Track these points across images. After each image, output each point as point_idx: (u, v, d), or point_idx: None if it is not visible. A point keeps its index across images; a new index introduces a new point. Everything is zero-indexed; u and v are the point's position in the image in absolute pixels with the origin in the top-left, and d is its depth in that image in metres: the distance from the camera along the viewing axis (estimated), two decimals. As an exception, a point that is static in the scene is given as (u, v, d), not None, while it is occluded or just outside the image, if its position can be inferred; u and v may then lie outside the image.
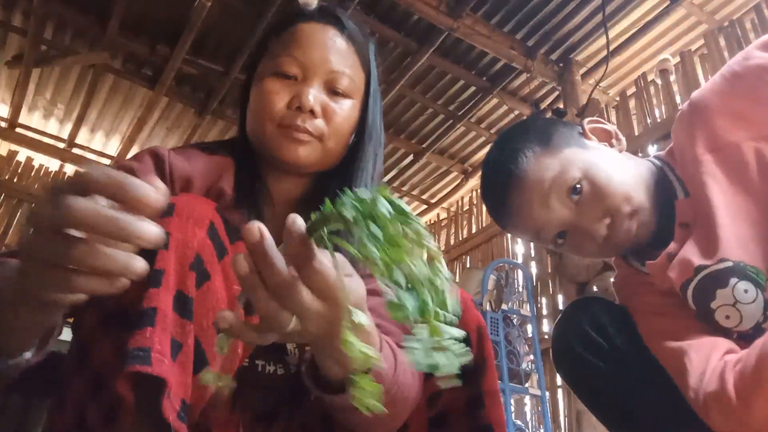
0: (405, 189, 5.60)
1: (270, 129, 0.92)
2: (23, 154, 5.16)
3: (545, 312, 4.06)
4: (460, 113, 4.64)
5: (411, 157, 5.12)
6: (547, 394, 3.47)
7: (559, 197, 1.01)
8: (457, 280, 4.58)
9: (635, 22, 3.81)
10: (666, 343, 0.94)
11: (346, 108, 0.95)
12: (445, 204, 5.72)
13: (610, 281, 3.37)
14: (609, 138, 1.10)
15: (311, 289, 0.54)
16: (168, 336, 0.64)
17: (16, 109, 4.75)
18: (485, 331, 0.95)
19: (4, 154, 5.10)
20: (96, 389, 0.67)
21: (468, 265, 5.08)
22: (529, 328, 3.61)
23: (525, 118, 3.77)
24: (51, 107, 4.86)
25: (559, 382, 3.73)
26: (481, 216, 5.28)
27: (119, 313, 0.64)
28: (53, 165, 5.30)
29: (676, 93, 3.69)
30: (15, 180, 5.03)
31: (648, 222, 1.00)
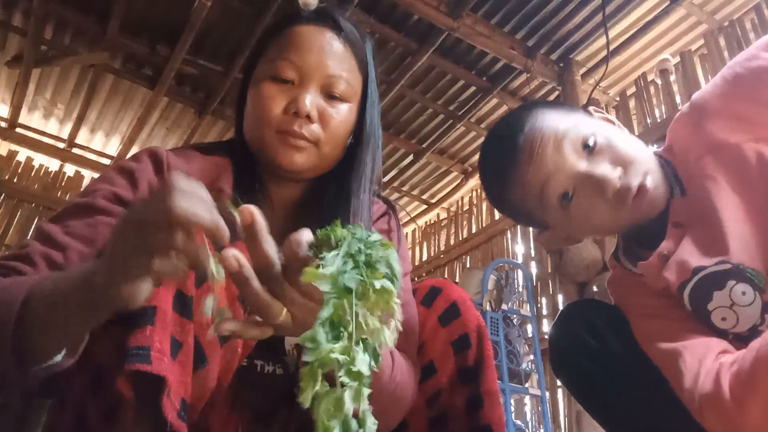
0: (405, 189, 5.59)
1: (267, 135, 0.92)
2: (23, 154, 5.15)
3: (545, 312, 4.06)
4: (460, 113, 4.63)
5: (411, 157, 5.12)
6: (547, 394, 3.46)
7: (574, 146, 0.97)
8: (457, 280, 4.58)
9: (635, 22, 3.80)
10: (660, 345, 0.93)
11: (342, 112, 0.95)
12: (445, 204, 5.71)
13: (610, 281, 3.37)
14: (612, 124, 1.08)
15: (302, 293, 0.57)
16: (168, 335, 0.64)
17: (16, 109, 4.75)
18: (485, 331, 0.95)
19: (4, 154, 5.09)
20: (96, 388, 0.67)
21: (468, 265, 5.08)
22: (529, 328, 3.60)
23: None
24: (51, 107, 4.85)
25: (559, 382, 3.73)
26: (481, 216, 5.28)
27: (119, 312, 0.64)
28: (53, 165, 5.29)
29: (676, 93, 3.69)
30: (15, 180, 5.03)
31: (660, 188, 0.96)
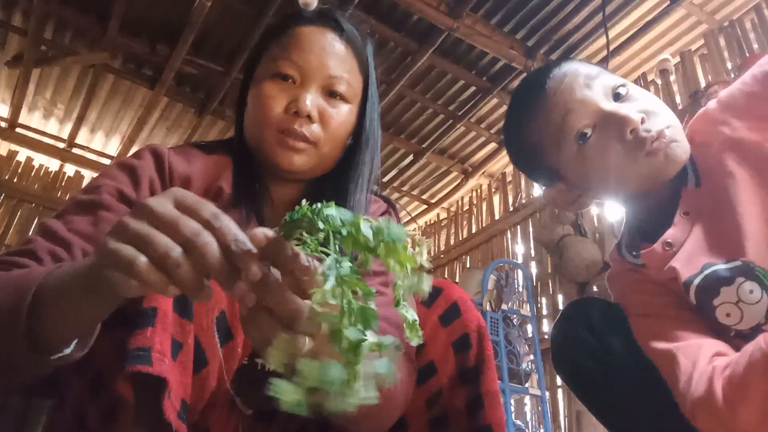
0: (405, 189, 5.59)
1: (267, 134, 0.92)
2: (23, 154, 5.15)
3: (545, 312, 4.05)
4: (460, 113, 4.63)
5: (411, 157, 5.12)
6: (547, 394, 3.46)
7: (604, 87, 0.99)
8: (457, 280, 4.58)
9: (635, 22, 3.80)
10: (656, 345, 0.94)
11: (343, 113, 0.95)
12: (445, 204, 5.72)
13: (610, 281, 3.37)
14: None
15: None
16: (168, 336, 0.64)
17: (16, 109, 4.75)
18: (485, 331, 0.95)
19: (4, 154, 5.10)
20: (96, 389, 0.67)
21: (468, 265, 5.07)
22: (529, 328, 3.60)
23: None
24: (51, 107, 4.85)
25: (559, 382, 3.73)
26: (481, 216, 5.28)
27: (120, 313, 0.64)
28: (53, 165, 5.29)
29: (676, 93, 3.69)
30: (15, 180, 5.03)
31: (680, 148, 0.94)
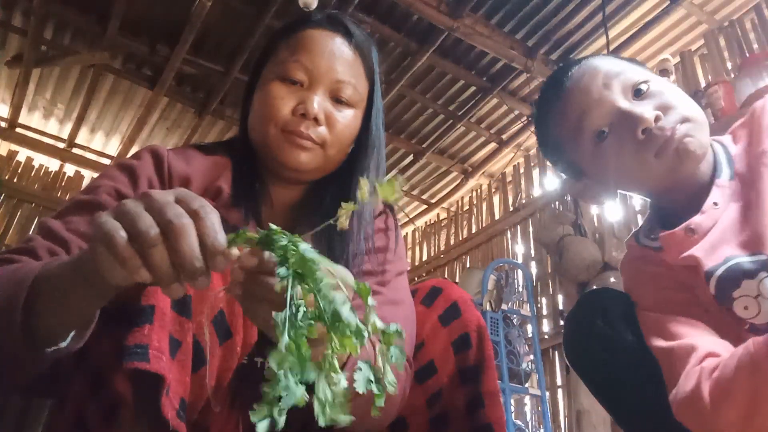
0: (405, 189, 5.58)
1: (273, 133, 0.93)
2: (23, 154, 5.15)
3: (545, 312, 4.05)
4: (460, 113, 4.63)
5: (411, 157, 5.12)
6: (547, 394, 3.46)
7: (623, 86, 0.99)
8: (457, 280, 4.58)
9: (635, 22, 3.80)
10: (656, 342, 0.94)
11: (348, 117, 0.96)
12: (445, 204, 5.71)
13: (610, 281, 3.37)
14: None
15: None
16: (166, 333, 0.64)
17: (16, 109, 4.75)
18: (485, 331, 0.95)
19: (4, 154, 5.09)
20: (96, 388, 0.67)
21: (468, 265, 5.07)
22: (529, 328, 3.60)
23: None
24: (51, 107, 4.85)
25: (559, 382, 3.73)
26: (481, 216, 5.28)
27: (118, 311, 0.64)
28: (53, 165, 5.29)
29: (676, 93, 3.69)
30: (15, 180, 5.02)
31: (700, 147, 0.93)
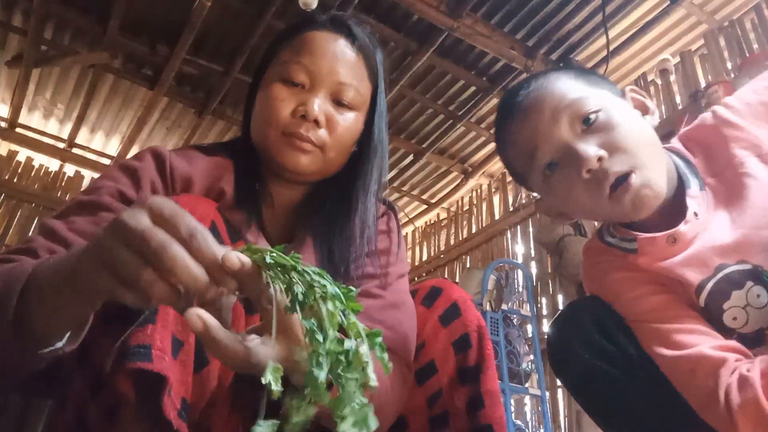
0: (405, 189, 5.59)
1: (274, 135, 0.93)
2: (23, 154, 5.14)
3: (545, 312, 4.05)
4: (460, 113, 4.63)
5: (411, 157, 5.12)
6: (547, 394, 3.46)
7: (571, 119, 0.97)
8: (457, 280, 4.58)
9: (635, 22, 3.80)
10: (662, 351, 0.92)
11: (349, 120, 0.96)
12: (445, 204, 5.71)
13: (610, 281, 3.36)
14: (645, 110, 1.05)
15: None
16: (169, 333, 0.64)
17: (16, 109, 4.74)
18: (485, 331, 0.96)
19: (4, 154, 5.09)
20: (97, 388, 0.67)
21: (468, 265, 5.07)
22: (529, 328, 3.60)
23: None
24: (51, 107, 4.85)
25: (559, 382, 3.72)
26: (481, 216, 5.27)
27: (120, 311, 0.64)
28: (53, 165, 5.29)
29: (676, 93, 3.69)
30: (15, 180, 5.02)
31: (654, 191, 0.93)
